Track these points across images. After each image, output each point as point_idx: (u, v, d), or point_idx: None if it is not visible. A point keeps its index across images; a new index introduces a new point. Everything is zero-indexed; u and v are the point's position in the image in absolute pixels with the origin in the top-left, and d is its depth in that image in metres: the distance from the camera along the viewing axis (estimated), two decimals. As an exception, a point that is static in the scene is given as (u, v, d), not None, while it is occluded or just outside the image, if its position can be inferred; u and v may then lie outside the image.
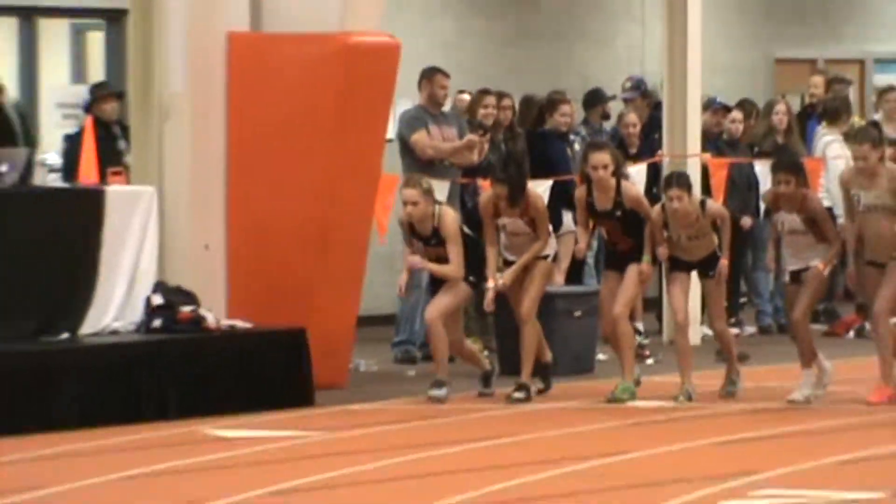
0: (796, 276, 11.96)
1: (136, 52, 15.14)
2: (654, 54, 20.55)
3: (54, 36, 20.68)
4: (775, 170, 12.25)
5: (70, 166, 15.27)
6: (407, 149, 15.72)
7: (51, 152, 16.50)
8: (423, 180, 12.77)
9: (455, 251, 12.08)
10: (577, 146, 16.50)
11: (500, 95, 16.75)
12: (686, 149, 16.56)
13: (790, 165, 12.54)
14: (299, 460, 10.55)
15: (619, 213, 12.21)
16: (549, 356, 12.82)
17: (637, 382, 12.25)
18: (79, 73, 20.26)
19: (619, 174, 12.77)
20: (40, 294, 13.24)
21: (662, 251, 12.04)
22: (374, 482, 9.49)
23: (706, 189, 15.87)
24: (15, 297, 12.94)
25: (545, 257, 12.44)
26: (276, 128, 14.51)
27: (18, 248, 13.10)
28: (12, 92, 17.87)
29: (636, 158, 17.03)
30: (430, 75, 16.40)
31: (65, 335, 12.90)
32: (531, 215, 12.20)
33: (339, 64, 14.57)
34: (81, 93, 17.68)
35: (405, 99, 16.61)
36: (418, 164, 15.35)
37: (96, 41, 20.54)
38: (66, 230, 13.44)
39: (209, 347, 12.84)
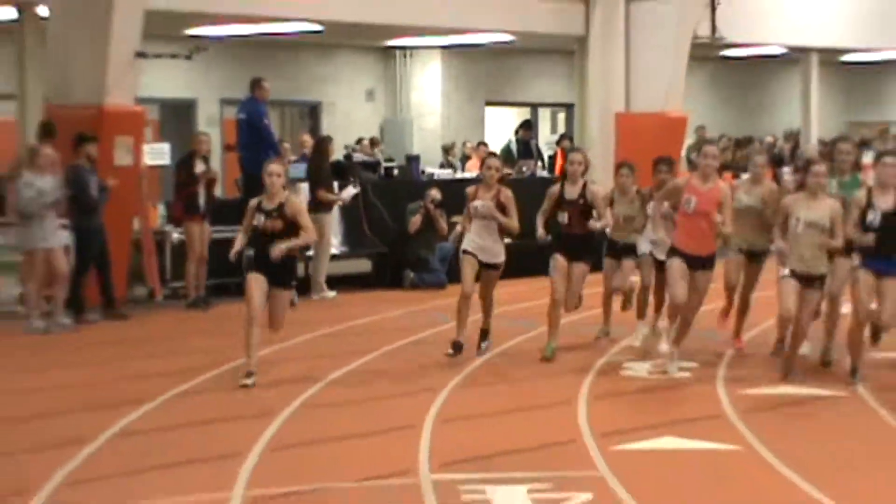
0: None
1: (579, 124, 19.40)
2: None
3: (543, 117, 25.06)
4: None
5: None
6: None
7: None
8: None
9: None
10: None
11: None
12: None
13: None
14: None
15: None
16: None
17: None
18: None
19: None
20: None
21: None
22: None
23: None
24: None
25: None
26: (638, 150, 16.10)
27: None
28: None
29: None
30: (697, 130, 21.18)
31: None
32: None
33: (664, 128, 18.02)
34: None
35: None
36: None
37: (561, 118, 25.20)
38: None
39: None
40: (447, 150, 21.53)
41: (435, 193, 15.57)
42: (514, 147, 19.75)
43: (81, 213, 12.70)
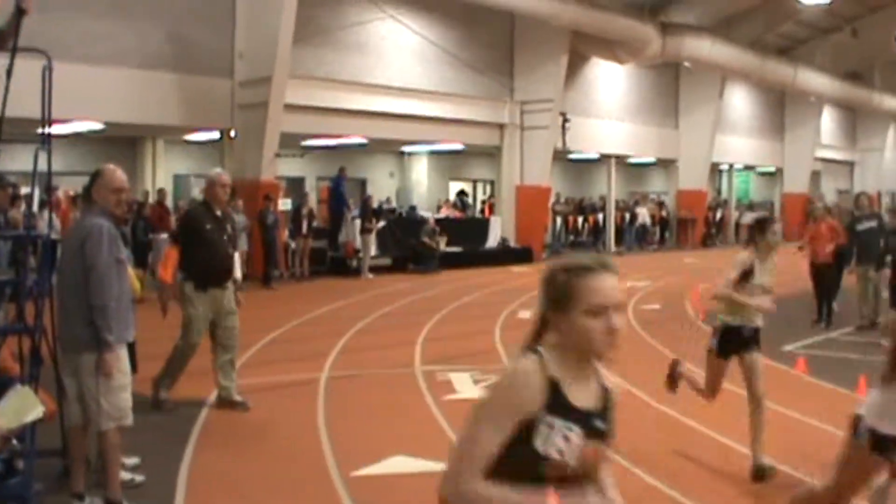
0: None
1: (497, 191, 18.50)
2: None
3: (479, 187, 23.84)
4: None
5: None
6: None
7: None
8: None
9: None
10: None
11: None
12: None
13: None
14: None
15: None
16: None
17: None
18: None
19: None
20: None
21: None
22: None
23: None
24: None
25: None
26: (526, 204, 17.68)
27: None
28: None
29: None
30: (556, 195, 19.63)
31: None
32: None
33: (539, 194, 17.50)
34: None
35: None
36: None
37: (488, 187, 22.89)
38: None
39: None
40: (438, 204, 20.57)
41: (432, 223, 15.69)
42: (458, 202, 19.59)
43: (265, 231, 12.53)
